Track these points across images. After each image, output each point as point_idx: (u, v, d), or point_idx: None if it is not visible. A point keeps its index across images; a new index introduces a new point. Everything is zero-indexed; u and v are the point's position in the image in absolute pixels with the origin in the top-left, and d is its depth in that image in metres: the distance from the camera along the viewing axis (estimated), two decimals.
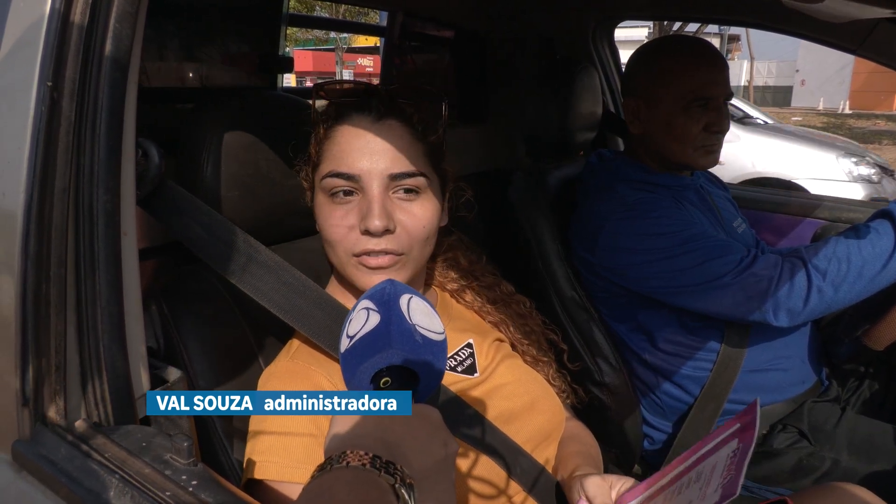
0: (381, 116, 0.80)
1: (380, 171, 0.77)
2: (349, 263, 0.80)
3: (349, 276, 0.81)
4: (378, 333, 0.58)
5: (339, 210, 0.79)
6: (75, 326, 0.65)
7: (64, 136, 0.62)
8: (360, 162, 0.77)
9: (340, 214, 0.79)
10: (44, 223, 0.62)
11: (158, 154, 0.74)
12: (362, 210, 0.77)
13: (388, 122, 0.80)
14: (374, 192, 0.77)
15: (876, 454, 1.19)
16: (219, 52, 1.46)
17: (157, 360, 0.76)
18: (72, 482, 0.60)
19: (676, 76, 1.23)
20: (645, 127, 1.30)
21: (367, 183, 0.77)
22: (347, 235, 0.78)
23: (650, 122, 1.29)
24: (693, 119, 1.24)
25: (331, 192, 0.79)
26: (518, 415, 0.86)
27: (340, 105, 0.82)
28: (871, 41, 1.18)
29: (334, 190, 0.79)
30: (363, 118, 0.80)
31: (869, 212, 1.57)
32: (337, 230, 0.79)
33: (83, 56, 0.62)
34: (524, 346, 0.97)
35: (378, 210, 0.76)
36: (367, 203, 0.77)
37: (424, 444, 0.50)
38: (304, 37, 22.21)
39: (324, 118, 0.82)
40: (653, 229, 1.19)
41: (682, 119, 1.24)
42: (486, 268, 1.02)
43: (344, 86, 0.84)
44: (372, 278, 0.79)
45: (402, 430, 0.50)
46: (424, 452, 0.50)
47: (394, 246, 0.78)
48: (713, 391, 1.27)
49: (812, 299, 1.09)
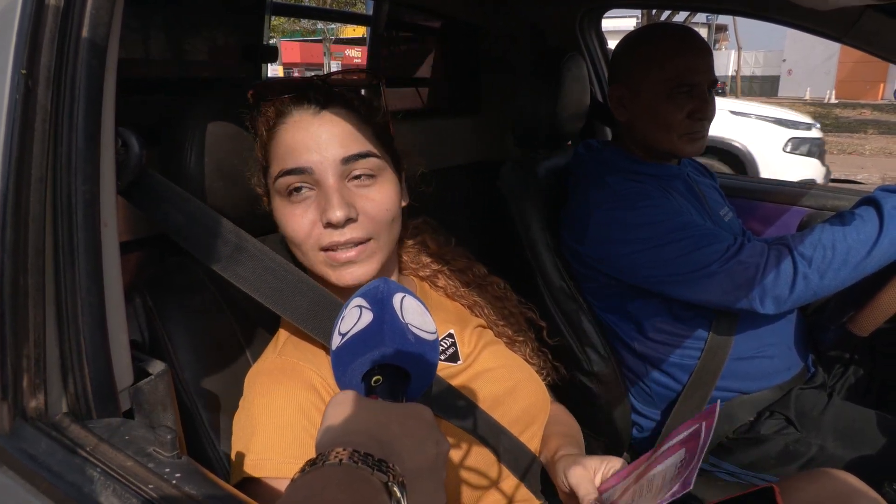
0: (323, 106, 0.79)
1: (332, 160, 0.76)
2: (318, 261, 0.79)
3: (321, 275, 0.80)
4: (371, 332, 0.57)
5: (298, 208, 0.78)
6: (55, 318, 0.64)
7: (40, 124, 0.61)
8: (309, 154, 0.76)
9: (300, 212, 0.78)
10: (20, 213, 0.61)
11: (139, 143, 0.73)
12: (321, 204, 0.76)
13: (332, 109, 0.79)
14: (330, 182, 0.76)
15: (861, 440, 1.20)
16: (202, 42, 1.44)
17: (141, 352, 0.76)
18: (53, 476, 0.60)
19: (659, 62, 1.23)
20: (630, 114, 1.30)
21: (320, 175, 0.76)
22: (311, 232, 0.77)
23: (635, 109, 1.28)
24: (677, 106, 1.23)
25: (287, 193, 0.78)
26: (502, 399, 0.86)
27: (278, 103, 0.80)
28: (856, 29, 1.18)
29: (289, 189, 0.77)
30: (304, 112, 0.79)
31: (854, 200, 1.58)
32: (299, 229, 0.78)
33: (59, 42, 0.61)
34: (500, 328, 0.97)
35: (337, 200, 0.75)
36: (324, 195, 0.76)
37: (417, 443, 0.50)
38: (291, 28, 22.01)
39: (264, 120, 0.81)
40: (641, 219, 1.20)
41: (665, 106, 1.23)
42: (458, 251, 1.01)
43: (281, 83, 0.82)
44: (342, 273, 0.78)
45: (395, 429, 0.49)
46: (417, 451, 0.49)
47: (359, 234, 0.77)
48: (701, 379, 1.27)
49: (798, 286, 1.10)
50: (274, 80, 0.83)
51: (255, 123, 0.83)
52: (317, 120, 0.78)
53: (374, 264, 0.79)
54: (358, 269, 0.78)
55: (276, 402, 0.74)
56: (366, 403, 0.52)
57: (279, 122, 0.79)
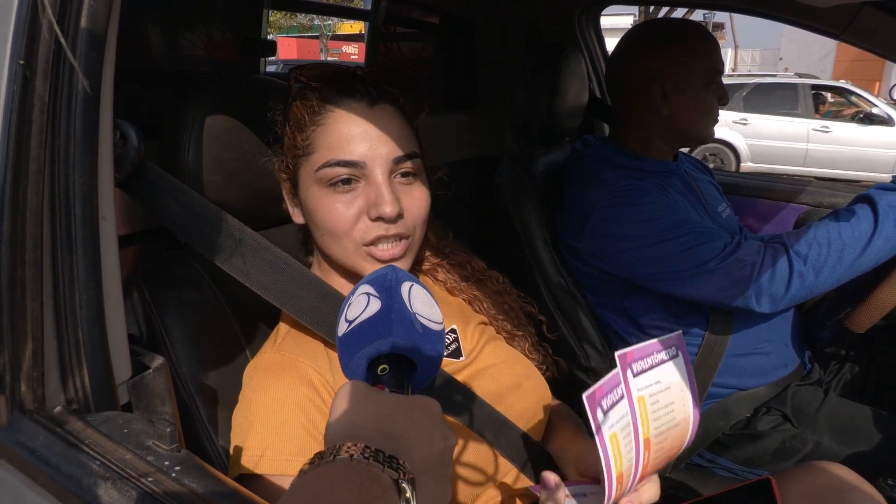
0: (375, 101, 0.78)
1: (383, 157, 0.76)
2: (357, 254, 0.79)
3: (355, 267, 0.80)
4: (378, 320, 0.57)
5: (342, 199, 0.77)
6: (52, 311, 0.64)
7: (38, 116, 0.60)
8: (362, 148, 0.76)
9: (344, 204, 0.77)
10: (18, 206, 0.60)
11: (137, 136, 0.72)
12: (369, 197, 0.76)
13: (382, 106, 0.79)
14: (380, 178, 0.76)
15: (856, 436, 1.21)
16: (201, 36, 1.44)
17: (139, 346, 0.75)
18: (51, 469, 0.59)
19: (705, 53, 1.28)
20: (674, 107, 1.30)
21: (371, 169, 0.76)
22: (356, 225, 0.77)
23: (681, 101, 1.29)
24: (713, 93, 1.30)
25: (329, 183, 0.77)
26: (504, 396, 0.86)
27: (327, 91, 0.79)
28: (854, 26, 1.18)
29: (334, 179, 0.77)
30: (356, 104, 0.78)
31: (851, 197, 1.59)
32: (342, 221, 0.77)
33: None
34: (499, 322, 0.97)
35: (389, 196, 0.75)
36: (374, 190, 0.76)
37: (426, 437, 0.49)
38: (287, 23, 21.94)
39: (306, 106, 0.79)
40: (639, 216, 1.20)
41: (706, 94, 1.29)
42: (456, 245, 1.01)
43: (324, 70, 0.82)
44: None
45: (404, 423, 0.49)
46: (426, 446, 0.49)
47: (403, 230, 0.78)
48: (698, 375, 1.28)
49: (794, 284, 1.10)
50: (316, 65, 0.82)
51: (289, 106, 0.81)
52: (369, 114, 0.77)
53: (410, 261, 0.81)
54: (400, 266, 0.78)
55: (274, 397, 0.73)
56: (374, 396, 0.51)
57: (327, 110, 0.78)
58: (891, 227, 1.06)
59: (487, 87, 1.87)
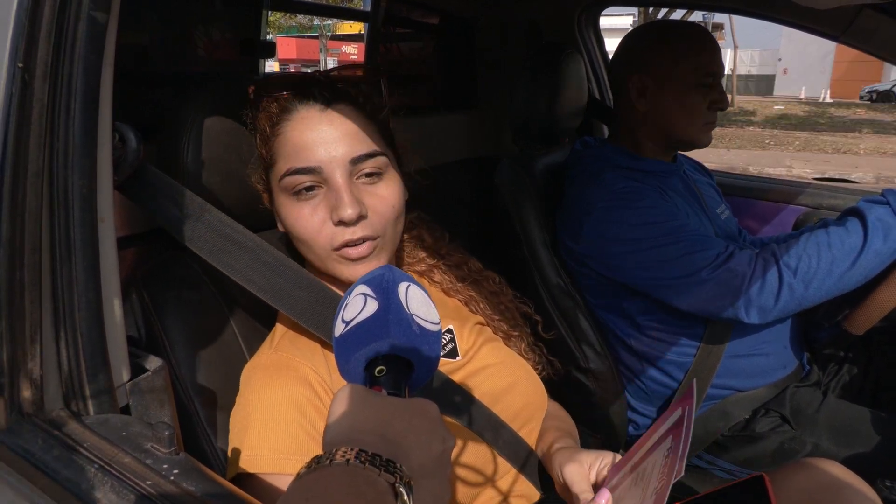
0: (329, 103, 0.78)
1: (340, 158, 0.76)
2: (329, 258, 0.79)
3: (331, 271, 0.80)
4: (375, 320, 0.56)
5: (306, 207, 0.77)
6: (51, 314, 0.63)
7: (37, 119, 0.60)
8: (318, 153, 0.76)
9: (308, 211, 0.77)
10: (17, 208, 0.60)
11: (136, 138, 0.72)
12: (331, 202, 0.76)
13: (337, 107, 0.78)
14: (340, 181, 0.76)
15: (855, 438, 1.21)
16: (200, 36, 1.44)
17: (138, 348, 0.75)
18: (49, 472, 0.59)
19: (695, 52, 1.26)
20: (652, 104, 1.29)
21: (329, 173, 0.76)
22: (321, 231, 0.77)
23: (660, 98, 1.28)
24: (702, 96, 1.27)
25: (293, 191, 0.77)
26: (501, 396, 0.86)
27: (282, 99, 0.79)
28: (854, 28, 1.19)
29: (297, 188, 0.77)
30: (310, 109, 0.78)
31: (851, 199, 1.59)
32: (309, 228, 0.77)
33: (56, 36, 0.60)
34: (495, 322, 0.97)
35: (348, 198, 0.75)
36: (334, 194, 0.76)
37: (425, 440, 0.49)
38: (287, 24, 21.92)
39: (266, 116, 0.80)
40: (637, 219, 1.20)
41: (693, 95, 1.26)
42: (452, 246, 1.01)
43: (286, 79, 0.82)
44: (356, 269, 0.78)
45: (402, 427, 0.49)
46: (424, 449, 0.48)
47: (369, 231, 0.77)
48: (697, 376, 1.28)
49: (783, 296, 1.10)
50: (276, 76, 0.82)
51: (255, 119, 0.82)
52: (324, 117, 0.77)
53: (384, 260, 0.80)
54: (371, 265, 0.78)
55: (271, 397, 0.73)
56: (372, 399, 0.51)
57: (283, 118, 0.79)
58: (879, 242, 1.06)
59: (487, 88, 1.87)
